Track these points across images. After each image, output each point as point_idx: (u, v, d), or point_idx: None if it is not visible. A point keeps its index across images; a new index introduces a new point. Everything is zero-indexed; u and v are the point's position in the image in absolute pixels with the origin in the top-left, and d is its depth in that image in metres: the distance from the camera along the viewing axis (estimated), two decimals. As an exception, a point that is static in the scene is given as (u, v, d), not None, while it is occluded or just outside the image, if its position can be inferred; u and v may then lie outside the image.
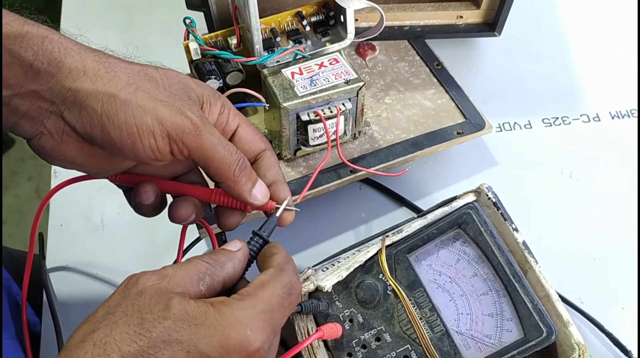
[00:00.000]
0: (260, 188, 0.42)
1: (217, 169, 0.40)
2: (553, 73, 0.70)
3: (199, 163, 0.40)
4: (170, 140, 0.38)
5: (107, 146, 0.38)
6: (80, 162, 0.40)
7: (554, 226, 0.59)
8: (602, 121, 0.67)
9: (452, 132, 0.59)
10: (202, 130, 0.38)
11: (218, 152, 0.39)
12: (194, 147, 0.38)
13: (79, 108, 0.37)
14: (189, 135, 0.38)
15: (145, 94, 0.38)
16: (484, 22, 0.67)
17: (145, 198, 0.42)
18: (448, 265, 0.49)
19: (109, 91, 0.37)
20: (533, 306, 0.45)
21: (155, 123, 0.37)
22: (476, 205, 0.49)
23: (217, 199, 0.43)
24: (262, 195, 0.42)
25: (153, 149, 0.38)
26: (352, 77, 0.53)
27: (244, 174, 0.41)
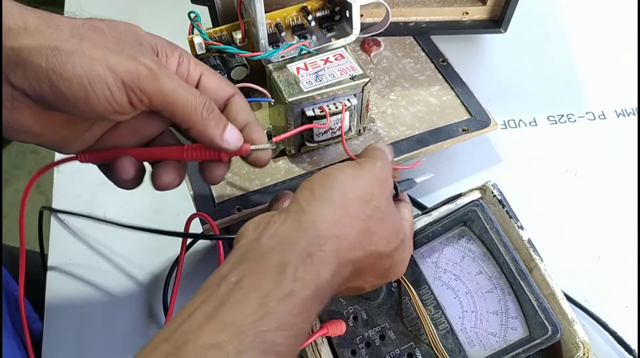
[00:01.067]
0: (232, 132, 0.41)
1: (183, 115, 0.38)
2: (558, 70, 0.70)
3: (163, 112, 0.38)
4: (126, 89, 0.36)
5: (59, 104, 0.35)
6: (37, 131, 0.38)
7: (558, 224, 0.59)
8: (608, 118, 0.66)
9: (457, 129, 0.59)
10: (159, 74, 0.36)
11: (180, 95, 0.38)
12: (153, 93, 0.36)
13: (23, 66, 0.34)
14: (145, 80, 0.36)
15: (92, 44, 0.35)
16: (489, 18, 0.67)
17: (125, 174, 0.41)
18: (453, 262, 0.48)
19: (52, 44, 0.34)
20: (538, 304, 0.45)
21: (106, 72, 0.35)
22: (482, 202, 0.49)
23: (190, 156, 0.41)
24: (235, 139, 0.41)
25: (109, 100, 0.36)
26: (358, 73, 0.53)
27: (212, 116, 0.39)
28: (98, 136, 0.41)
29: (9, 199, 1.64)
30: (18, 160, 1.73)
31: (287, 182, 0.55)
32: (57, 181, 0.61)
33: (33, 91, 0.35)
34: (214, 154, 0.41)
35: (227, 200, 0.54)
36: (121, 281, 0.55)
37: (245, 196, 0.54)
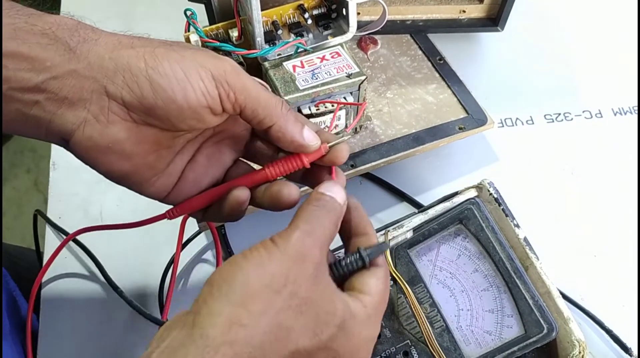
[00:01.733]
0: (309, 131, 0.40)
1: (265, 109, 0.39)
2: (555, 69, 0.70)
3: (247, 109, 0.38)
4: (216, 82, 0.37)
5: (158, 102, 0.36)
6: (129, 150, 0.37)
7: (555, 223, 0.59)
8: (604, 117, 0.66)
9: (454, 127, 0.59)
10: (241, 71, 0.38)
11: (261, 91, 0.38)
12: (238, 87, 0.37)
13: (122, 72, 0.36)
14: (231, 74, 0.37)
15: (179, 49, 0.38)
16: (486, 17, 0.67)
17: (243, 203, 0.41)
18: (449, 260, 0.48)
19: (148, 49, 0.37)
20: (534, 302, 0.45)
21: (198, 66, 0.37)
22: (478, 201, 0.49)
23: (273, 172, 0.41)
24: (313, 136, 0.40)
25: (204, 92, 0.37)
26: (354, 71, 0.53)
27: (290, 113, 0.40)
28: (180, 170, 0.41)
29: (7, 197, 1.64)
30: (16, 158, 1.73)
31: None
32: (52, 179, 0.61)
33: (132, 95, 0.36)
34: (296, 163, 0.40)
35: (223, 198, 0.53)
36: (117, 280, 0.55)
37: (241, 194, 0.54)
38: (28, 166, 1.71)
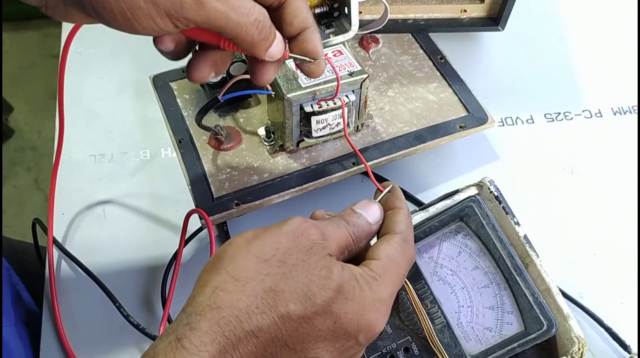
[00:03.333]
0: (277, 46, 0.39)
1: (233, 36, 0.37)
2: (556, 68, 0.70)
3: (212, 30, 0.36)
4: (170, 18, 0.35)
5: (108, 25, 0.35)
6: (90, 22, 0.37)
7: (555, 221, 0.60)
8: (604, 116, 0.67)
9: (455, 126, 0.59)
10: (204, 1, 0.35)
11: (230, 19, 0.35)
12: (199, 20, 0.35)
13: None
14: (189, 10, 0.34)
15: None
16: (487, 16, 0.67)
17: (164, 48, 0.39)
18: (449, 257, 0.49)
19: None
20: (534, 299, 0.45)
21: (148, 5, 0.34)
22: (478, 198, 0.49)
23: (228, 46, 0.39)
24: (277, 51, 0.39)
25: (154, 28, 0.35)
26: (356, 69, 0.53)
27: (263, 35, 0.37)
28: None
29: (8, 195, 1.64)
30: (17, 156, 1.73)
31: (285, 177, 0.55)
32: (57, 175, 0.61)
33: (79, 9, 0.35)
34: None
35: (226, 195, 0.54)
36: (119, 275, 0.55)
37: (243, 191, 0.54)
38: (28, 164, 1.71)
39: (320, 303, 0.33)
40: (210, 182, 0.55)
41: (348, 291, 0.34)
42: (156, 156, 0.63)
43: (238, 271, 0.33)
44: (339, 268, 0.35)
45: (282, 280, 0.33)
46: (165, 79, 0.62)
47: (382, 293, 0.36)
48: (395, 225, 0.39)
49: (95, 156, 0.63)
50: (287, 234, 0.35)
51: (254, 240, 0.34)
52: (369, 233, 0.39)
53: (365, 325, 0.35)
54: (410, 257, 0.39)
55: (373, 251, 0.38)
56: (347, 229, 0.38)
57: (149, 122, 0.65)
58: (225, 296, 0.32)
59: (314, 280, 0.33)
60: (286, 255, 0.34)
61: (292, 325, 0.33)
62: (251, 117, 0.60)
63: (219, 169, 0.56)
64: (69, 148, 0.63)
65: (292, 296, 0.33)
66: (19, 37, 1.94)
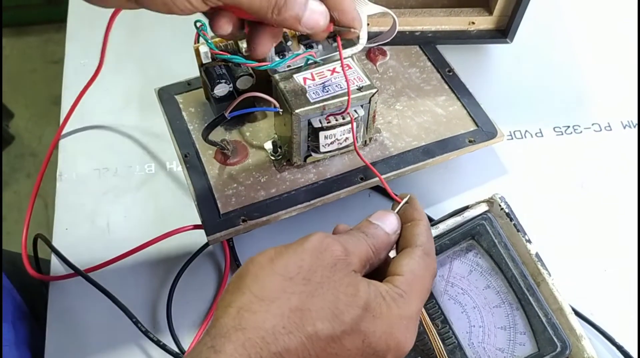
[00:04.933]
0: (311, 16, 0.39)
1: (257, 14, 0.37)
2: (564, 81, 0.70)
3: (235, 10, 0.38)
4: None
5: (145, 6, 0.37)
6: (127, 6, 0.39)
7: (564, 237, 0.59)
8: (614, 130, 0.66)
9: (464, 140, 0.58)
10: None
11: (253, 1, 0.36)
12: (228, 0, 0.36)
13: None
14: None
15: None
16: (496, 28, 0.66)
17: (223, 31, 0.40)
18: (460, 276, 0.48)
19: None
20: (547, 320, 0.45)
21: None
22: (490, 216, 0.49)
23: None
24: (315, 21, 0.39)
25: (188, 7, 0.36)
26: (365, 83, 0.52)
27: (284, 10, 0.37)
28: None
29: (8, 201, 1.63)
30: (17, 162, 1.72)
31: (292, 193, 0.54)
32: (59, 189, 0.61)
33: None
34: None
35: (232, 211, 0.53)
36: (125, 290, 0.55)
37: (250, 207, 0.53)
38: (29, 170, 1.71)
39: (348, 321, 0.32)
40: (217, 198, 0.54)
41: (375, 309, 0.34)
42: (161, 170, 0.62)
43: (262, 291, 0.32)
44: (365, 285, 0.34)
45: (309, 298, 0.32)
46: (170, 92, 0.61)
47: (409, 310, 0.35)
48: (415, 237, 0.39)
49: (99, 169, 0.62)
50: (310, 251, 0.34)
51: (276, 258, 0.34)
52: (387, 243, 0.39)
53: (395, 344, 0.34)
54: (433, 270, 0.39)
55: (395, 266, 0.37)
56: (367, 241, 0.37)
57: (154, 135, 0.64)
58: (250, 317, 0.31)
59: (340, 298, 0.33)
60: (310, 272, 0.33)
61: (320, 344, 0.32)
62: (258, 131, 0.59)
63: (225, 185, 0.55)
64: (72, 161, 0.63)
65: (319, 314, 0.32)
66: (19, 42, 1.94)
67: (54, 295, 0.55)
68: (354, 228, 0.39)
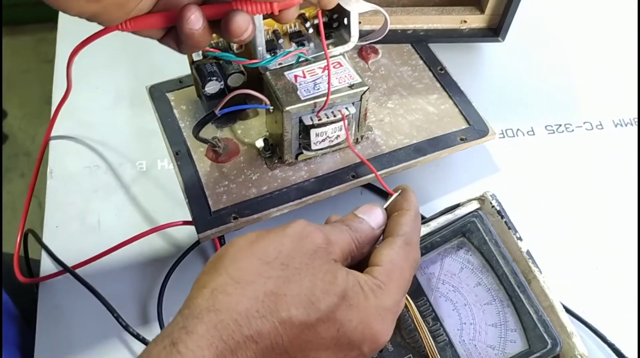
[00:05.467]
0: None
1: None
2: (556, 80, 0.70)
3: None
4: None
5: None
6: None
7: (555, 235, 0.59)
8: (605, 128, 0.66)
9: (456, 138, 0.58)
10: None
11: None
12: None
13: None
14: None
15: None
16: (487, 27, 0.66)
17: (194, 24, 0.37)
18: (451, 273, 0.48)
19: None
20: (538, 317, 0.45)
21: None
22: (481, 213, 0.48)
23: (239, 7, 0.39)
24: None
25: None
26: (356, 81, 0.52)
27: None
28: (153, 3, 0.38)
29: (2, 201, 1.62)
30: (10, 162, 1.72)
31: (284, 190, 0.54)
32: (50, 187, 0.61)
33: None
34: (265, 7, 0.39)
35: (223, 209, 0.53)
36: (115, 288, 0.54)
37: (241, 204, 0.53)
38: (22, 170, 1.70)
39: (324, 308, 0.32)
40: (208, 195, 0.54)
41: (352, 298, 0.33)
42: (152, 167, 0.62)
43: (238, 273, 0.32)
44: (343, 273, 0.34)
45: (285, 283, 0.32)
46: (162, 90, 0.61)
47: (388, 301, 0.35)
48: (398, 227, 0.39)
49: (90, 167, 0.62)
50: (291, 236, 0.34)
51: (256, 241, 0.34)
52: (372, 238, 0.39)
53: (370, 335, 0.34)
54: (415, 260, 0.38)
55: (375, 256, 0.37)
56: (350, 234, 0.37)
57: (145, 133, 0.64)
58: (224, 299, 0.31)
59: (317, 285, 0.32)
60: (289, 258, 0.33)
61: (293, 331, 0.31)
62: (249, 129, 0.59)
63: (216, 182, 0.55)
64: (63, 159, 0.62)
65: (294, 300, 0.32)
66: (13, 42, 1.93)
67: (44, 294, 0.55)
68: (339, 220, 0.38)
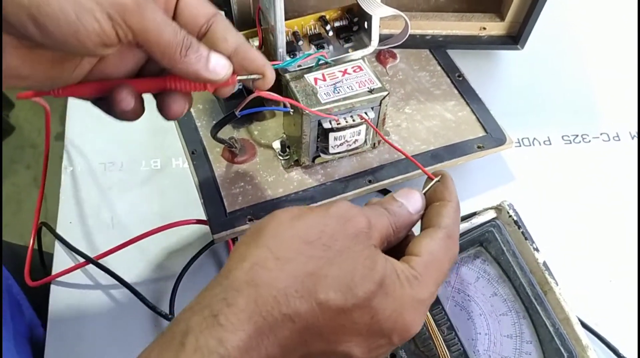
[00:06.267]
0: (217, 60, 0.38)
1: (163, 53, 0.36)
2: (574, 90, 0.69)
3: (144, 47, 0.36)
4: (112, 22, 0.33)
5: (47, 42, 0.33)
6: (26, 74, 0.35)
7: (570, 246, 0.59)
8: (622, 140, 0.66)
9: (473, 146, 0.58)
10: (145, 9, 0.34)
11: (163, 33, 0.35)
12: (137, 28, 0.34)
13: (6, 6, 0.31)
14: (131, 14, 0.33)
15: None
16: (507, 34, 0.66)
17: (126, 105, 0.38)
18: (467, 282, 0.48)
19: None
20: (555, 330, 0.44)
21: (92, 4, 0.32)
22: (498, 223, 0.48)
23: (172, 86, 0.39)
24: (221, 66, 0.38)
25: (99, 33, 0.33)
26: (376, 86, 0.52)
27: (191, 51, 0.36)
28: (87, 71, 0.38)
29: (6, 193, 1.62)
30: (16, 154, 1.71)
31: (300, 193, 0.54)
32: (64, 183, 0.60)
33: (16, 31, 0.32)
34: (200, 86, 0.40)
35: (239, 210, 0.53)
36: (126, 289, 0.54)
37: (257, 206, 0.53)
38: (28, 162, 1.70)
39: (361, 295, 0.32)
40: (224, 196, 0.53)
41: (389, 286, 0.33)
42: (167, 165, 0.62)
43: (279, 249, 0.32)
44: (382, 260, 0.34)
45: (326, 265, 0.32)
46: (178, 88, 0.61)
47: (422, 292, 0.35)
48: (440, 218, 0.38)
49: (105, 164, 0.62)
50: (335, 217, 0.33)
51: (299, 218, 0.33)
52: (409, 223, 0.38)
53: (402, 325, 0.34)
54: (454, 255, 0.38)
55: (415, 245, 0.36)
56: (389, 218, 0.37)
57: (160, 130, 0.64)
58: (264, 274, 0.31)
59: (358, 269, 0.32)
60: (332, 239, 0.33)
61: (329, 314, 0.31)
62: (266, 130, 0.58)
63: (232, 183, 0.54)
64: (77, 154, 0.62)
65: (334, 283, 0.31)
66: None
67: (56, 288, 0.55)
68: (378, 203, 0.38)
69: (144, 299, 0.52)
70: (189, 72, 0.37)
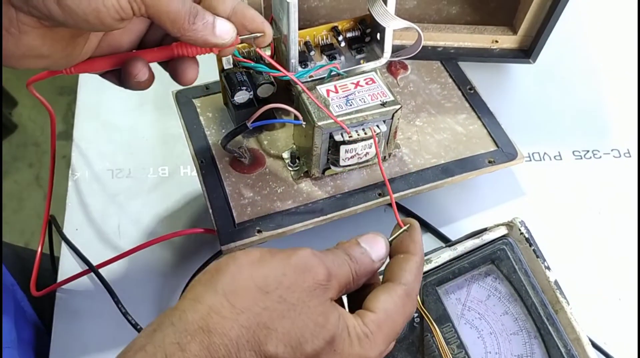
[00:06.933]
0: (222, 25, 0.40)
1: (173, 23, 0.38)
2: (585, 105, 0.69)
3: (154, 18, 0.38)
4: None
5: (69, 20, 0.35)
6: (46, 52, 0.37)
7: (579, 264, 0.58)
8: (633, 157, 0.65)
9: (484, 160, 0.58)
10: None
11: (172, 3, 0.37)
12: (149, 1, 0.36)
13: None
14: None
15: None
16: (519, 48, 0.66)
17: (142, 75, 0.41)
18: (478, 300, 0.47)
19: None
20: (566, 351, 0.44)
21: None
22: (510, 241, 0.48)
23: (180, 52, 0.42)
24: (226, 31, 0.40)
25: (117, 8, 0.35)
26: (389, 99, 0.52)
27: (198, 19, 0.39)
28: (95, 46, 0.41)
29: (8, 190, 1.62)
30: (19, 152, 1.71)
31: (309, 205, 0.54)
32: (71, 188, 0.60)
33: (39, 9, 0.34)
34: (205, 49, 0.42)
35: (248, 221, 0.52)
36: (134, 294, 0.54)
37: (266, 217, 0.53)
38: (30, 160, 1.70)
39: (310, 351, 0.32)
40: (232, 206, 0.53)
41: (338, 345, 0.33)
42: (175, 173, 0.61)
43: (235, 297, 0.32)
44: (335, 317, 0.33)
45: (279, 318, 0.32)
46: (188, 96, 0.61)
47: (371, 352, 0.34)
48: (402, 273, 0.37)
49: (112, 170, 0.61)
50: (294, 267, 0.33)
51: (259, 264, 0.33)
52: (370, 271, 0.37)
53: None
54: (410, 313, 0.37)
55: (371, 300, 0.36)
56: (350, 266, 0.36)
57: (169, 138, 0.63)
58: (219, 322, 0.31)
59: (309, 325, 0.32)
60: (289, 291, 0.33)
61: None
62: (276, 140, 0.58)
63: (241, 194, 0.54)
64: (85, 160, 0.62)
65: (284, 338, 0.32)
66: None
67: (61, 295, 0.54)
68: (341, 248, 0.37)
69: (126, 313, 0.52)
70: (197, 39, 0.39)
